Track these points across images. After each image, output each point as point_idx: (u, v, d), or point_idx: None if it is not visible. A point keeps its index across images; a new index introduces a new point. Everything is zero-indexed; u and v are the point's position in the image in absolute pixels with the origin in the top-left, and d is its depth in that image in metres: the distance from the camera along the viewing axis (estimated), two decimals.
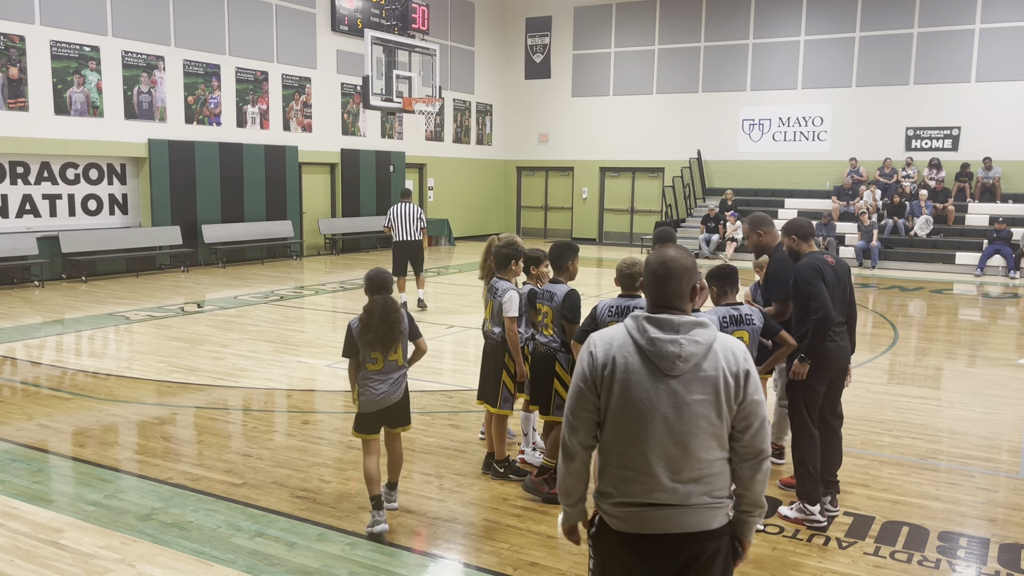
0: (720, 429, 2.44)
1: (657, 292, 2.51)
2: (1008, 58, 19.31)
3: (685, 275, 2.49)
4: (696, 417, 2.41)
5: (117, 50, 15.35)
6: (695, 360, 2.42)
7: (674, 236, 6.16)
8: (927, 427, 6.77)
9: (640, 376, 2.42)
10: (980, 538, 4.66)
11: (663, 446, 2.41)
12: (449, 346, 9.82)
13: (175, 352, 9.19)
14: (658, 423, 2.41)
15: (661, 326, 2.44)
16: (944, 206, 19.31)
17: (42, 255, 14.35)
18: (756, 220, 5.45)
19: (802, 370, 4.69)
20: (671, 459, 2.42)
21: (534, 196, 26.33)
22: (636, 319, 2.49)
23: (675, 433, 2.41)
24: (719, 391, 2.41)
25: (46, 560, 4.27)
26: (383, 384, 4.64)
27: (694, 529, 2.44)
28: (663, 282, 2.49)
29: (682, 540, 2.44)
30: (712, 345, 2.44)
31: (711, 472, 2.45)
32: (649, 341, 2.43)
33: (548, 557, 4.33)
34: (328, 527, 4.69)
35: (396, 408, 4.74)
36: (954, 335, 11.32)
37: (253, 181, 18.05)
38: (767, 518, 4.85)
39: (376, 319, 4.53)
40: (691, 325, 2.44)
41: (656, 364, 2.41)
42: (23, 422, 6.60)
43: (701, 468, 2.43)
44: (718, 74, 22.71)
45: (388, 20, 20.64)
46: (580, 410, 2.51)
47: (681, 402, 2.40)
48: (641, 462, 2.43)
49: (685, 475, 2.42)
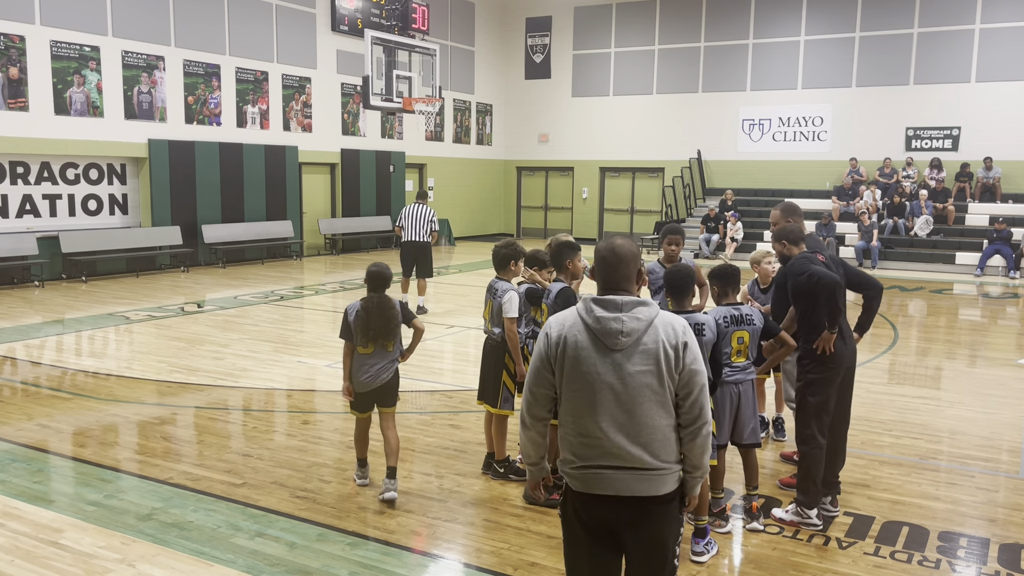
0: (664, 396, 2.69)
1: (606, 276, 2.79)
2: (1008, 58, 19.31)
3: (632, 261, 2.80)
4: (640, 386, 2.67)
5: (117, 50, 15.36)
6: (636, 335, 2.67)
7: (682, 231, 6.15)
8: (927, 427, 6.77)
9: (588, 352, 2.70)
10: (980, 538, 4.66)
11: (612, 414, 2.68)
12: (449, 346, 9.82)
13: (175, 352, 9.19)
14: (606, 393, 2.68)
15: (606, 306, 2.71)
16: (944, 206, 19.31)
17: (42, 255, 14.35)
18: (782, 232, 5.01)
19: (829, 339, 4.58)
20: (620, 425, 2.68)
21: (534, 196, 26.34)
22: (585, 301, 2.77)
23: (622, 401, 2.67)
24: (660, 362, 2.67)
25: (46, 560, 4.27)
26: (374, 367, 5.04)
27: (642, 493, 2.69)
28: (612, 268, 2.78)
29: (633, 502, 2.70)
30: (653, 321, 2.70)
31: (658, 438, 2.69)
32: (595, 320, 2.71)
33: (548, 557, 4.33)
34: (328, 527, 4.69)
35: (386, 388, 5.11)
36: (954, 335, 11.33)
37: (253, 181, 18.05)
38: (765, 518, 4.85)
39: (373, 316, 4.94)
40: (633, 304, 2.70)
41: (602, 340, 2.69)
42: (23, 422, 6.60)
43: (648, 433, 2.68)
44: (718, 74, 22.71)
45: (388, 20, 20.64)
46: (538, 386, 2.80)
47: (625, 373, 2.67)
48: (594, 429, 2.70)
49: (633, 440, 2.68)
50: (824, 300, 4.53)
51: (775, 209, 5.34)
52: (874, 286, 5.01)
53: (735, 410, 4.74)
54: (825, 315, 4.57)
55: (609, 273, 2.78)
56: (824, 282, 4.49)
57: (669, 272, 4.62)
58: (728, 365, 4.72)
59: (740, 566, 4.33)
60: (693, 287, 4.59)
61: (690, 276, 4.53)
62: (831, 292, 4.49)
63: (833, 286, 4.49)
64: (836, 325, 4.57)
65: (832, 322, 4.56)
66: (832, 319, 4.56)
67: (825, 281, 4.49)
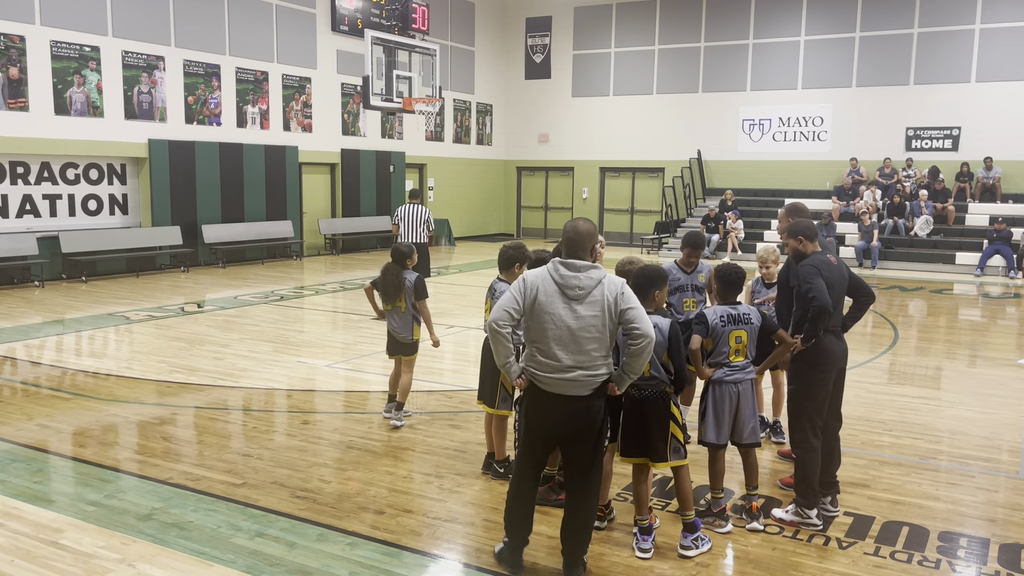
0: (603, 335, 3.90)
1: (570, 248, 3.96)
2: (1008, 58, 19.31)
3: (588, 238, 3.97)
4: (588, 327, 3.88)
5: (117, 50, 15.36)
6: (589, 289, 3.88)
7: (703, 239, 6.14)
8: (927, 427, 6.77)
9: (553, 299, 3.91)
10: (980, 538, 4.66)
11: (564, 343, 3.89)
12: (449, 346, 9.81)
13: (175, 352, 9.19)
14: (564, 329, 3.89)
15: (570, 267, 3.91)
16: (944, 206, 19.31)
17: (42, 255, 14.35)
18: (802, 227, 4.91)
19: (794, 343, 4.70)
20: (569, 352, 3.89)
21: (534, 196, 26.34)
22: (554, 263, 3.95)
23: (574, 336, 3.88)
24: (604, 309, 3.87)
25: (46, 560, 4.27)
26: (394, 323, 6.58)
27: (577, 393, 3.95)
28: (574, 242, 3.96)
29: (570, 399, 3.96)
30: (601, 280, 3.90)
31: (593, 362, 3.91)
32: (561, 277, 3.91)
33: (548, 557, 4.33)
34: (328, 527, 4.69)
35: (403, 344, 6.56)
36: (954, 335, 11.33)
37: (253, 181, 18.05)
38: (765, 518, 4.85)
39: (382, 281, 6.53)
40: (587, 267, 3.92)
41: (564, 292, 3.90)
42: (23, 422, 6.60)
43: (587, 359, 3.90)
44: (718, 74, 22.71)
45: (388, 20, 20.64)
46: (508, 307, 3.95)
47: (579, 316, 3.88)
48: (551, 353, 3.92)
49: (576, 361, 3.90)
50: (810, 318, 4.61)
51: (781, 210, 5.36)
52: (870, 294, 5.06)
53: (734, 410, 4.74)
54: (806, 327, 4.65)
55: (572, 245, 3.95)
56: (816, 304, 4.56)
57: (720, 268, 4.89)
58: (727, 365, 4.72)
59: (740, 566, 4.33)
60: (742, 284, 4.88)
61: (741, 274, 4.86)
62: (818, 314, 4.57)
63: (822, 311, 4.57)
64: (809, 340, 4.65)
65: (806, 337, 4.65)
66: (807, 335, 4.65)
67: (817, 304, 4.56)
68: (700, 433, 4.84)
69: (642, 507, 4.44)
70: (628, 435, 4.41)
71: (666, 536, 4.58)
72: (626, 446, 4.43)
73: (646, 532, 4.41)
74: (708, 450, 4.90)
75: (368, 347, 9.64)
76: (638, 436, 4.37)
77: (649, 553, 4.37)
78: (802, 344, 4.68)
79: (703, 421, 4.80)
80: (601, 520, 4.71)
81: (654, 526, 4.54)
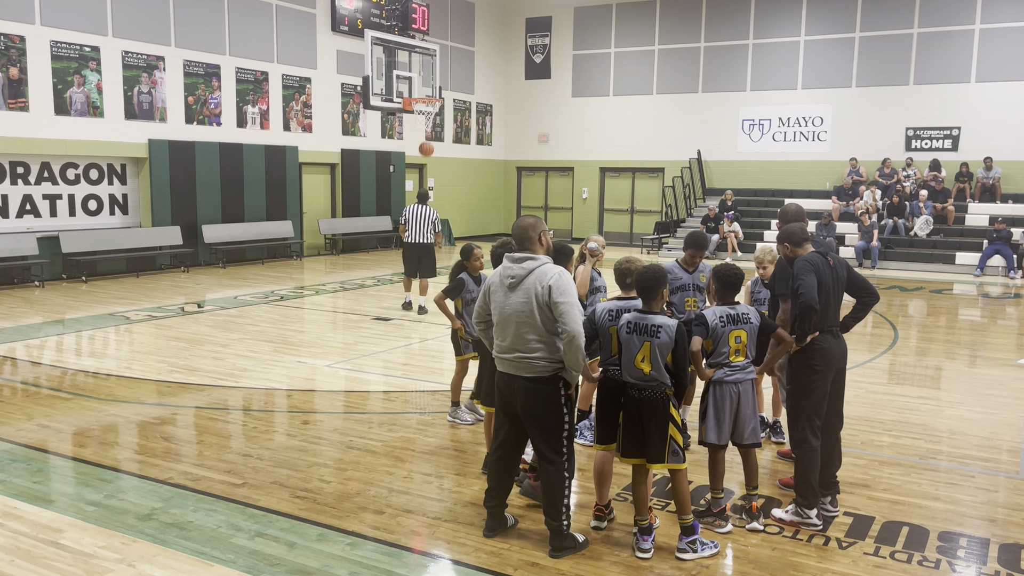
0: (533, 321, 4.21)
1: (517, 242, 4.36)
2: (1008, 58, 19.31)
3: (532, 230, 4.33)
4: (518, 312, 4.24)
5: (117, 50, 15.36)
6: (520, 278, 4.24)
7: (707, 240, 6.15)
8: (927, 427, 6.77)
9: (498, 289, 4.35)
10: (980, 538, 4.66)
11: (502, 327, 4.33)
12: (449, 346, 9.79)
13: (175, 352, 9.19)
14: (500, 314, 4.33)
15: (511, 259, 4.30)
16: (944, 206, 19.31)
17: (42, 255, 14.35)
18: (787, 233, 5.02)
19: (791, 342, 4.73)
20: (506, 335, 4.31)
21: (534, 196, 26.34)
22: (506, 256, 4.35)
23: (507, 320, 4.28)
24: (535, 297, 4.18)
25: (46, 560, 4.27)
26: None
27: (521, 373, 4.29)
28: (519, 237, 4.35)
29: (516, 377, 4.32)
30: (535, 270, 4.22)
31: (527, 345, 4.25)
32: (503, 268, 4.34)
33: (548, 557, 4.33)
34: (328, 527, 4.69)
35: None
36: (954, 335, 11.33)
37: (253, 181, 18.05)
38: (765, 518, 4.85)
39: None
40: (524, 259, 4.27)
41: (503, 281, 4.31)
42: (23, 422, 6.60)
43: (524, 343, 4.25)
44: (718, 74, 22.71)
45: (388, 20, 20.64)
46: (478, 304, 4.50)
47: (511, 302, 4.26)
48: (499, 337, 4.37)
49: (516, 345, 4.28)
50: (797, 313, 4.62)
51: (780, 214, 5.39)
52: (874, 294, 5.04)
53: (735, 410, 4.74)
54: (795, 327, 4.68)
55: (517, 239, 4.37)
56: (801, 301, 4.57)
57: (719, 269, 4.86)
58: (727, 365, 4.72)
59: (740, 566, 4.33)
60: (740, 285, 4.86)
61: (739, 274, 4.79)
62: (802, 311, 4.57)
63: (806, 308, 4.56)
64: (802, 339, 4.66)
65: (797, 337, 4.67)
66: (798, 334, 4.66)
67: (803, 300, 4.56)
68: (701, 433, 4.84)
69: (642, 507, 4.44)
70: (628, 435, 4.42)
71: (666, 536, 4.58)
72: (626, 446, 4.43)
73: (646, 532, 4.41)
74: (708, 450, 4.89)
75: (368, 347, 9.64)
76: (637, 437, 4.38)
77: (649, 553, 4.37)
78: (795, 344, 4.68)
79: (704, 421, 4.80)
80: (601, 520, 4.71)
81: (654, 526, 4.54)
